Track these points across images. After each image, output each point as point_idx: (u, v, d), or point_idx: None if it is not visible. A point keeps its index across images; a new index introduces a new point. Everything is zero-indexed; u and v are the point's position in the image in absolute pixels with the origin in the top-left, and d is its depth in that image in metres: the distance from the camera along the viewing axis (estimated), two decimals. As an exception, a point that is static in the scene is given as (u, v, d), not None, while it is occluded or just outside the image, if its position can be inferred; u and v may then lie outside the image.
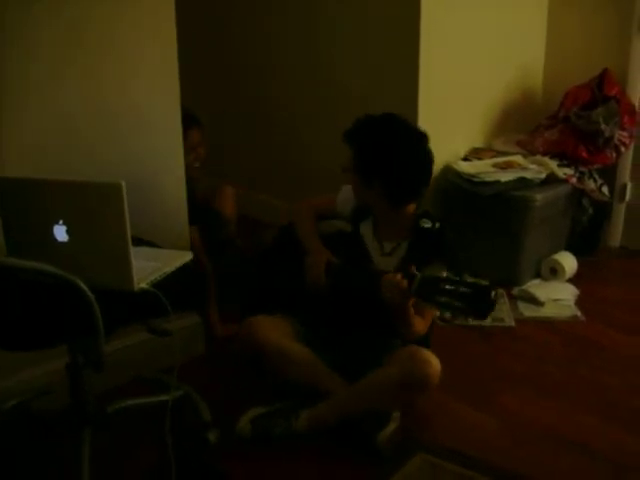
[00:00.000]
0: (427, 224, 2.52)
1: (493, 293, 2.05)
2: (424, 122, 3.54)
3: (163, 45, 2.62)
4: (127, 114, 2.57)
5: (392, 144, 2.43)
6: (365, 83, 3.76)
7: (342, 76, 3.87)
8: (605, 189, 3.79)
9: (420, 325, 2.41)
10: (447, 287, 2.09)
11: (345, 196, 2.66)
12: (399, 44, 3.54)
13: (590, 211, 3.80)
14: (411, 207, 2.52)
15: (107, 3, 2.44)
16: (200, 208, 3.27)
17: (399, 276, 2.22)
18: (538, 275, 3.71)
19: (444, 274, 2.38)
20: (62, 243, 1.95)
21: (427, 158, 2.48)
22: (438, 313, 2.74)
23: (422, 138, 2.48)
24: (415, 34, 3.43)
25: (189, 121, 2.92)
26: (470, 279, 2.11)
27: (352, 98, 3.82)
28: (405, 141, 2.44)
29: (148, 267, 2.06)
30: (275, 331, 2.48)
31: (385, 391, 2.37)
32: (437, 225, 2.54)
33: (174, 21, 2.62)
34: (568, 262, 3.69)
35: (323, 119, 3.87)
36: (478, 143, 3.95)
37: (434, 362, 2.32)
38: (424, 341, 2.51)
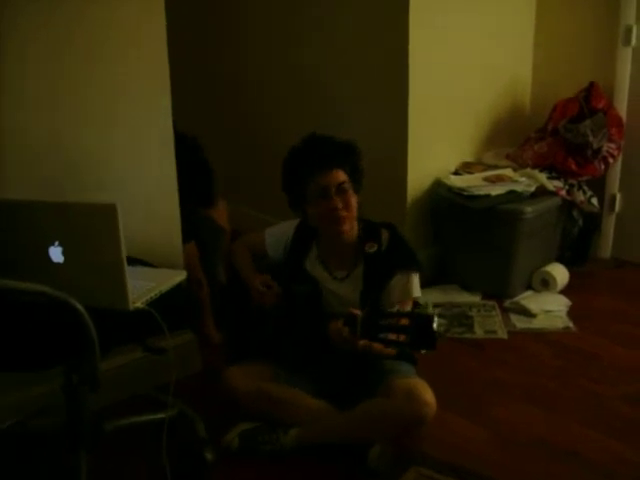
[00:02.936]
0: (373, 248, 2.52)
1: (435, 321, 1.97)
2: (414, 136, 3.59)
3: (154, 60, 2.62)
4: (118, 134, 2.58)
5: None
6: (355, 98, 3.79)
7: (331, 92, 3.91)
8: (594, 200, 3.82)
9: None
10: (387, 322, 2.03)
11: (273, 239, 2.70)
12: (388, 59, 3.58)
13: (580, 222, 3.83)
14: None
15: (95, 15, 2.44)
16: (196, 218, 3.31)
17: (340, 324, 2.19)
18: (530, 287, 3.73)
19: (413, 281, 2.48)
20: (58, 264, 1.96)
21: None
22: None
23: None
24: (404, 49, 3.46)
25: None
26: (409, 309, 2.08)
27: (341, 114, 3.84)
28: None
29: (143, 286, 2.08)
30: (250, 378, 2.47)
31: (377, 426, 2.36)
32: (384, 238, 2.54)
33: (164, 35, 2.63)
34: (559, 273, 3.72)
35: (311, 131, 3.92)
36: (468, 157, 3.98)
37: (430, 401, 2.30)
38: (408, 356, 2.50)
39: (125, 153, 2.62)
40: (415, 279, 2.51)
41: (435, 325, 1.96)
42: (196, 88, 4.55)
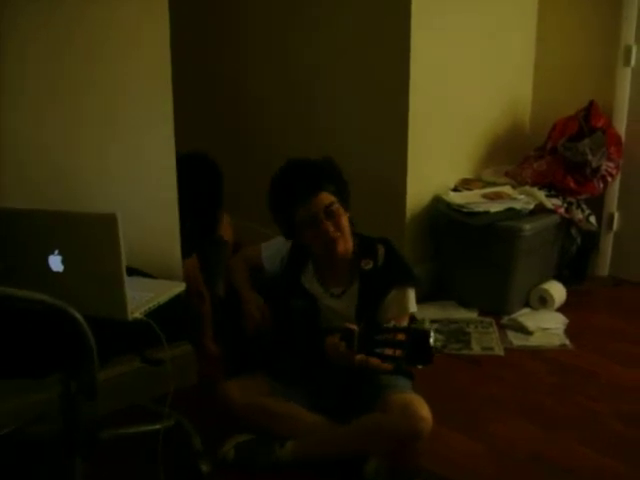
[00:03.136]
0: (369, 265, 2.50)
1: (431, 336, 1.95)
2: (414, 152, 3.60)
3: (155, 61, 2.63)
4: (117, 135, 2.58)
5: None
6: (354, 114, 3.81)
7: (330, 109, 3.94)
8: (592, 219, 3.84)
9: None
10: (384, 337, 2.01)
11: (269, 253, 2.69)
12: (389, 75, 3.60)
13: (578, 241, 3.84)
14: None
15: (95, 15, 2.45)
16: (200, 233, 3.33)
17: (336, 338, 2.17)
18: (527, 304, 3.74)
19: (410, 296, 2.46)
20: (57, 273, 1.97)
21: None
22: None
23: None
24: (405, 65, 3.49)
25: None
26: (406, 324, 2.04)
27: (340, 130, 3.87)
28: None
29: (142, 297, 2.09)
30: (247, 392, 2.48)
31: (373, 440, 2.36)
32: (380, 254, 2.52)
33: (167, 35, 2.63)
34: (557, 291, 3.72)
35: (311, 148, 3.92)
36: (467, 174, 4.00)
37: (426, 416, 2.28)
38: (405, 371, 2.48)
39: (125, 155, 2.62)
40: (411, 294, 2.50)
41: (432, 340, 1.95)
42: (196, 92, 4.54)
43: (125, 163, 2.63)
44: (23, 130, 2.38)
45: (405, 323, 2.37)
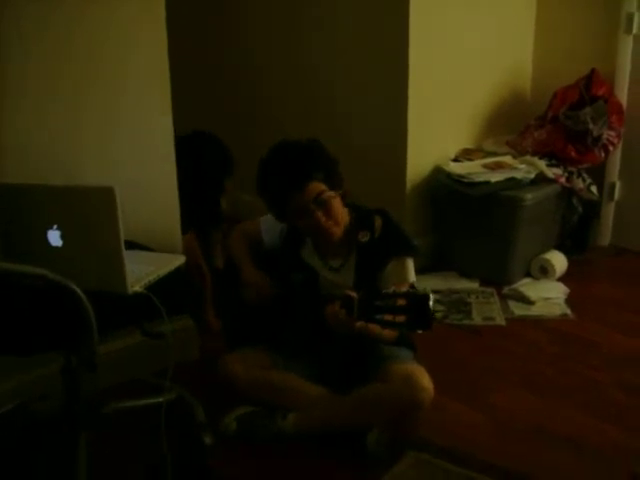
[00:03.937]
0: (366, 237, 2.47)
1: (431, 299, 1.92)
2: (414, 123, 3.59)
3: (154, 60, 2.62)
4: (118, 133, 2.59)
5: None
6: (355, 85, 3.79)
7: (329, 77, 3.90)
8: (593, 188, 3.82)
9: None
10: (384, 303, 1.98)
11: (267, 226, 2.66)
12: (388, 45, 3.57)
13: (579, 210, 3.83)
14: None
15: (95, 16, 2.44)
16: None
17: (337, 306, 2.14)
18: (528, 274, 3.74)
19: (409, 266, 2.44)
20: (56, 248, 1.97)
21: None
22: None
23: None
24: (404, 35, 3.45)
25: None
26: (405, 289, 2.00)
27: (341, 101, 3.84)
28: None
29: (141, 270, 2.08)
30: (249, 365, 2.48)
31: (375, 411, 2.36)
32: (377, 225, 2.49)
33: (165, 35, 2.62)
34: (558, 261, 3.72)
35: (312, 119, 3.92)
36: (468, 144, 3.98)
37: (428, 387, 2.29)
38: (407, 342, 2.50)
39: (125, 151, 2.62)
40: (410, 264, 2.46)
41: (431, 303, 1.92)
42: (196, 87, 4.52)
43: (125, 148, 2.63)
44: (24, 131, 2.38)
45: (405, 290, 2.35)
